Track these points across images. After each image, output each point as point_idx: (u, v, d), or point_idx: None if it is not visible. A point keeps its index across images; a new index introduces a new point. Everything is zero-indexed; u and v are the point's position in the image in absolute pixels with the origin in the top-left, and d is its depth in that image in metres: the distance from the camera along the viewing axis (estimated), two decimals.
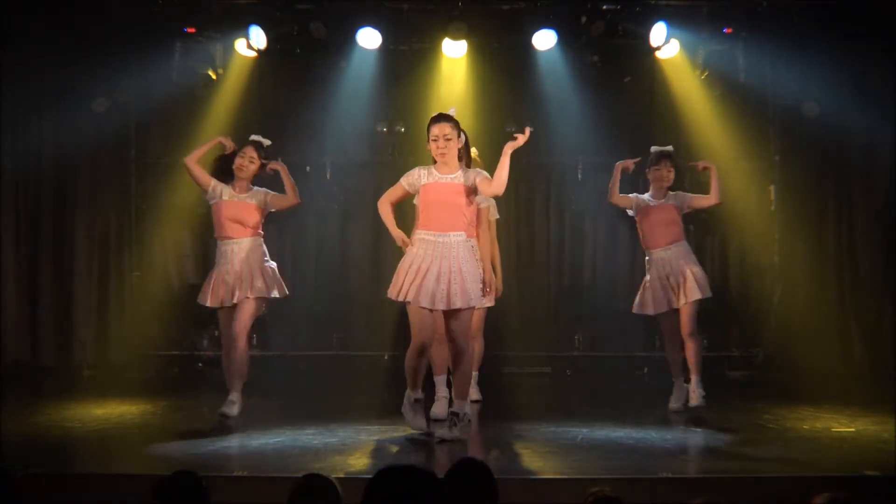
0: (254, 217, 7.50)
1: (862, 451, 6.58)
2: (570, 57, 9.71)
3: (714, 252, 10.17)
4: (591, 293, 10.15)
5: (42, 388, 9.23)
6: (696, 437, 7.03)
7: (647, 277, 7.90)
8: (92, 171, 10.03)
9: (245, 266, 7.40)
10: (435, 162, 6.74)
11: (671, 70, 9.83)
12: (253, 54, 9.60)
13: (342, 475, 5.83)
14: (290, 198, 7.55)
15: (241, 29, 9.46)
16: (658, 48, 9.56)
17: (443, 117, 6.73)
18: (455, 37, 9.56)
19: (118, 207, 10.04)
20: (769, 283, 10.02)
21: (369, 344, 9.97)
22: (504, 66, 9.91)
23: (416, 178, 6.75)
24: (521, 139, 6.56)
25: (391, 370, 9.57)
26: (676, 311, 7.77)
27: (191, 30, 9.56)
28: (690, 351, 7.74)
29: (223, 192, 7.51)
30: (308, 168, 10.02)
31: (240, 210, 7.48)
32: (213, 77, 9.73)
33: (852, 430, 7.29)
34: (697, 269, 7.79)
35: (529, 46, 9.61)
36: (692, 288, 7.67)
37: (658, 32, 9.43)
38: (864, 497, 5.31)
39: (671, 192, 7.91)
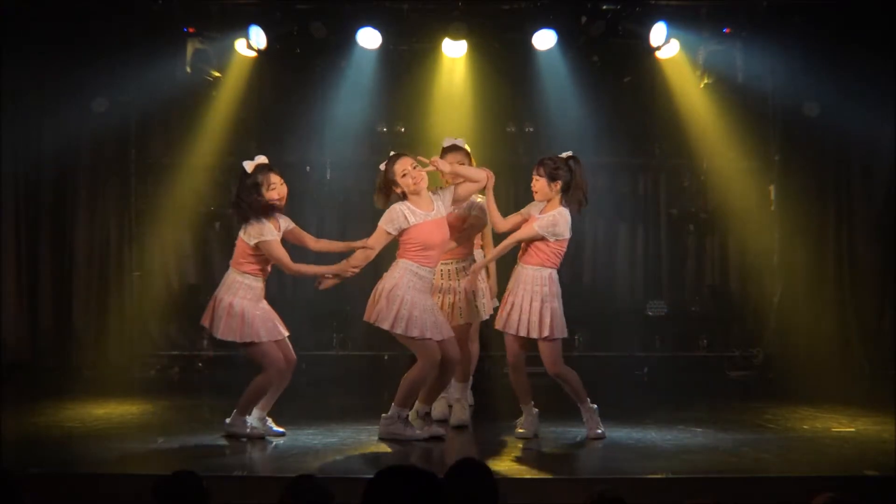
0: (239, 247, 6.97)
1: (862, 451, 6.59)
2: (570, 57, 9.69)
3: (714, 252, 10.15)
4: (591, 293, 10.12)
5: (42, 388, 9.21)
6: (696, 437, 7.02)
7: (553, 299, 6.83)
8: (92, 171, 10.02)
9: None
10: (405, 195, 6.84)
11: (671, 70, 9.82)
12: (253, 54, 9.59)
13: (342, 475, 5.85)
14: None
15: (241, 29, 9.45)
16: (658, 48, 9.55)
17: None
18: (455, 37, 9.55)
19: (118, 207, 10.02)
20: (769, 283, 10.01)
21: (369, 344, 9.95)
22: (504, 66, 9.89)
23: (402, 220, 6.81)
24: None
25: (391, 370, 9.56)
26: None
27: (191, 30, 9.55)
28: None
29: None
30: (308, 168, 10.03)
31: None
32: (213, 77, 9.72)
33: (852, 430, 7.29)
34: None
35: (529, 46, 9.60)
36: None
37: (658, 32, 9.43)
38: (864, 497, 5.31)
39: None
